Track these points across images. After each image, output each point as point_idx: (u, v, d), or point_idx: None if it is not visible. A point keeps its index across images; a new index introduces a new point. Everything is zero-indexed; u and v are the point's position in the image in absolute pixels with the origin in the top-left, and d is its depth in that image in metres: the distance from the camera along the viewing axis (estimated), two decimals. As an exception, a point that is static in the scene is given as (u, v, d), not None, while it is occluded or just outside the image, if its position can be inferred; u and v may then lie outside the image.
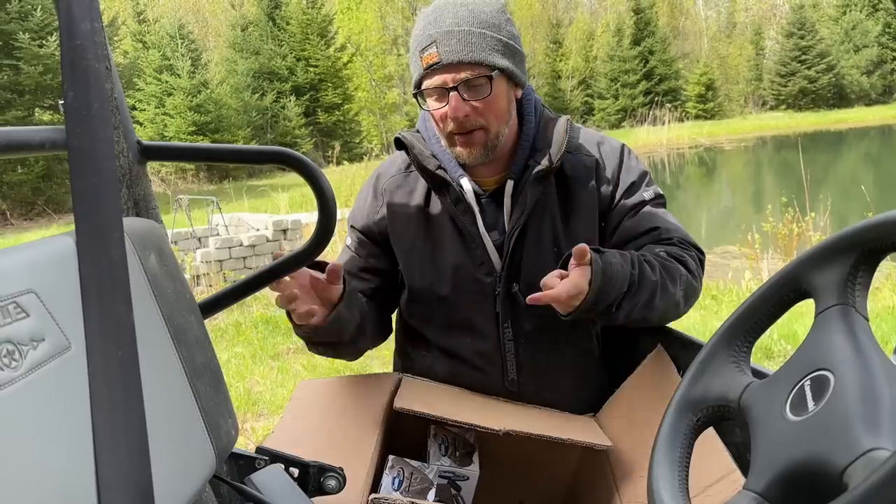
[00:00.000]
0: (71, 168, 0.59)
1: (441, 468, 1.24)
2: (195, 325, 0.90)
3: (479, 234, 1.37)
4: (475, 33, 1.26)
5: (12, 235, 13.85)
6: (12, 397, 0.56)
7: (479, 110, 1.29)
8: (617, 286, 1.21)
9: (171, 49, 22.91)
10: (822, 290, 0.66)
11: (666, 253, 1.33)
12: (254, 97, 25.04)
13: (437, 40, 1.25)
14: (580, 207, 1.39)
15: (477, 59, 1.25)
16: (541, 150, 1.37)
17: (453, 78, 1.26)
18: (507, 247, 1.37)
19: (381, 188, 1.48)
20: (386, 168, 1.51)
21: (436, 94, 1.30)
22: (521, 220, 1.36)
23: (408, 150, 1.41)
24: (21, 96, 17.17)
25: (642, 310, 1.27)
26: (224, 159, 1.13)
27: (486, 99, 1.28)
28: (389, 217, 1.45)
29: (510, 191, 1.37)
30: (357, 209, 1.52)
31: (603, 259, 1.21)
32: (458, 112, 1.27)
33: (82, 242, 0.58)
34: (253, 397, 3.83)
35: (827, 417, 0.56)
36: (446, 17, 1.27)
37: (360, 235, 1.49)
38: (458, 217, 1.38)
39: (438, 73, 1.27)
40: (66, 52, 0.59)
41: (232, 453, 1.02)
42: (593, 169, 1.40)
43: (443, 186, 1.39)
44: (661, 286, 1.27)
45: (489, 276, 1.38)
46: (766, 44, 42.17)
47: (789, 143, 22.01)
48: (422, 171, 1.40)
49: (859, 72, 35.67)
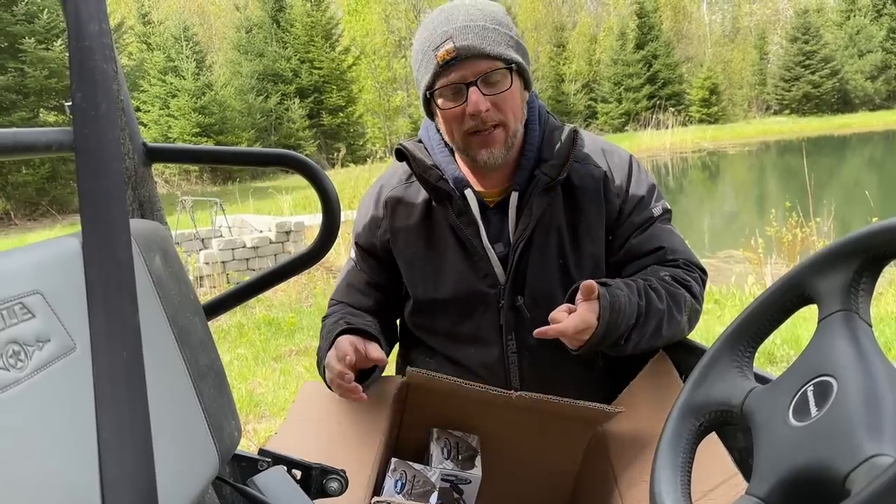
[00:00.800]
0: (78, 169, 0.59)
1: (444, 471, 1.24)
2: (199, 327, 0.91)
3: (482, 247, 1.35)
4: (489, 28, 1.24)
5: (16, 236, 13.88)
6: (18, 397, 0.56)
7: (498, 105, 1.27)
8: (626, 319, 1.21)
9: (175, 51, 22.96)
10: (825, 295, 0.66)
11: (671, 277, 1.32)
12: (258, 99, 25.07)
13: (452, 35, 1.23)
14: (588, 220, 1.37)
15: (495, 53, 1.24)
16: (547, 159, 1.35)
17: (472, 72, 1.24)
18: (511, 259, 1.35)
19: (382, 200, 1.45)
20: (387, 179, 1.48)
21: (451, 93, 1.27)
22: (527, 232, 1.34)
23: (409, 161, 1.38)
24: (26, 98, 17.22)
25: (650, 339, 1.27)
26: (229, 161, 1.14)
27: (504, 93, 1.26)
28: (392, 231, 1.43)
29: (515, 202, 1.35)
30: (359, 224, 1.49)
31: (611, 293, 1.21)
32: (479, 106, 1.24)
33: (88, 243, 0.58)
34: (255, 399, 3.83)
35: (830, 423, 0.56)
36: (458, 15, 1.25)
37: (364, 252, 1.48)
38: (461, 229, 1.36)
39: (455, 69, 1.24)
40: (74, 54, 0.59)
41: (235, 455, 1.02)
42: (601, 181, 1.38)
43: (444, 198, 1.36)
44: (667, 315, 1.27)
45: (493, 287, 1.37)
46: (770, 48, 42.16)
47: (793, 148, 21.98)
48: (423, 182, 1.37)
49: (863, 76, 35.64)
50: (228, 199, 11.33)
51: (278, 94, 25.76)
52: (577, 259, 1.38)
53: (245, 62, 26.41)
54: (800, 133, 28.18)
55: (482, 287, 1.37)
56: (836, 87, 34.95)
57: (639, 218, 1.38)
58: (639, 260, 1.38)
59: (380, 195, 1.47)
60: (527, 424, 1.38)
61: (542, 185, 1.33)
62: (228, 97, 23.99)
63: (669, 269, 1.35)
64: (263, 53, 26.74)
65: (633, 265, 1.39)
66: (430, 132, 1.43)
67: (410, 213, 1.41)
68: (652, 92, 35.28)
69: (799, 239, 5.96)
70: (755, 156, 24.16)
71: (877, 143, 24.63)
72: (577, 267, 1.38)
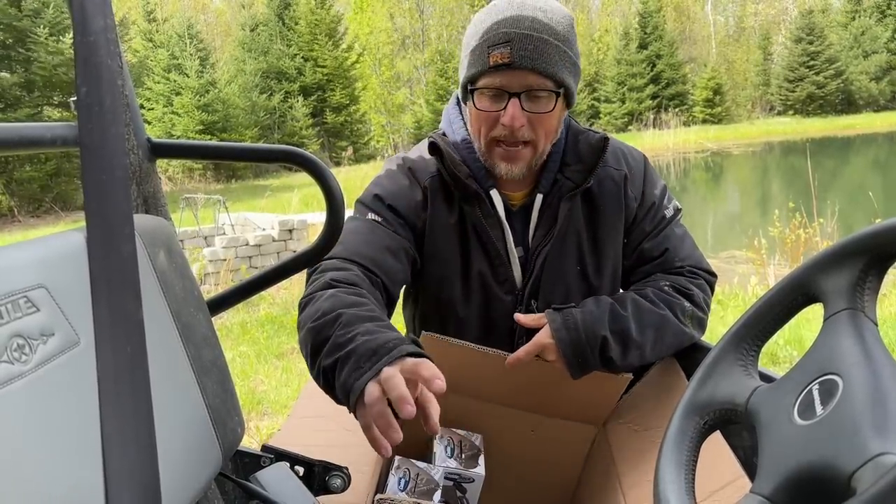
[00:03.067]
0: (83, 164, 0.59)
1: (447, 470, 1.24)
2: (203, 323, 0.91)
3: (506, 251, 1.32)
4: (552, 44, 1.18)
5: (20, 232, 13.91)
6: (22, 391, 0.56)
7: (533, 123, 1.22)
8: (592, 331, 1.22)
9: (179, 48, 22.99)
10: (831, 294, 0.66)
11: (670, 286, 1.31)
12: (262, 97, 25.10)
13: (512, 40, 1.17)
14: (608, 225, 1.35)
15: (549, 72, 1.18)
16: (571, 164, 1.31)
17: (520, 84, 1.19)
18: (531, 264, 1.33)
19: (422, 182, 1.34)
20: (415, 163, 1.36)
21: (492, 94, 1.22)
22: (549, 237, 1.32)
23: (441, 157, 1.31)
24: (31, 93, 17.26)
25: (655, 350, 1.27)
26: (232, 158, 1.13)
27: (544, 115, 1.22)
28: (430, 223, 1.33)
29: (538, 206, 1.32)
30: (389, 190, 1.33)
31: (563, 313, 1.25)
32: (515, 121, 1.20)
33: (93, 237, 0.58)
34: (257, 396, 3.83)
35: (835, 422, 0.56)
36: (525, 20, 1.18)
37: (394, 215, 1.31)
38: (487, 231, 1.31)
39: (503, 75, 1.19)
40: (80, 48, 0.59)
41: (237, 451, 1.02)
42: (621, 183, 1.35)
43: (473, 197, 1.31)
44: (668, 323, 1.26)
45: (509, 294, 1.34)
46: (774, 49, 42.07)
47: (797, 149, 21.95)
48: (453, 179, 1.31)
49: (868, 77, 35.54)
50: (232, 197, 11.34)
51: (282, 92, 25.80)
52: (596, 265, 1.36)
53: (249, 60, 26.44)
54: (803, 134, 28.11)
55: (500, 292, 1.34)
56: (840, 87, 34.85)
57: (652, 221, 1.37)
58: (644, 266, 1.37)
59: (414, 176, 1.34)
60: (530, 423, 1.38)
61: (567, 190, 1.30)
62: (232, 95, 24.01)
63: (671, 277, 1.34)
64: (267, 51, 26.77)
65: (638, 272, 1.39)
66: (454, 126, 1.37)
67: (448, 210, 1.34)
68: (655, 92, 35.22)
69: (802, 240, 5.95)
70: (759, 156, 24.12)
71: (881, 144, 24.57)
72: (595, 273, 1.36)
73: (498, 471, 1.32)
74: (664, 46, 36.30)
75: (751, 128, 32.21)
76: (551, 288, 1.34)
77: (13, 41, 16.61)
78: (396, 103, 32.83)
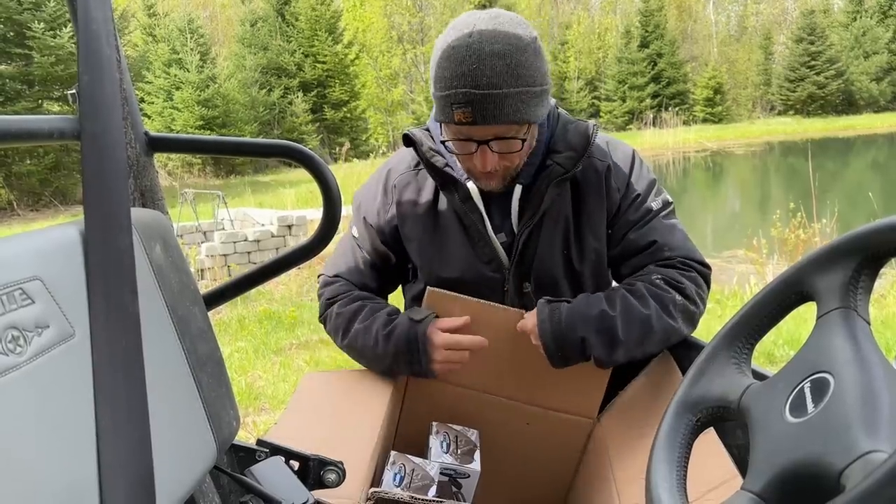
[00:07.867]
0: (83, 153, 0.59)
1: (442, 465, 1.24)
2: (199, 317, 0.91)
3: (486, 234, 1.37)
4: (512, 94, 1.18)
5: (19, 226, 13.89)
6: (16, 383, 0.57)
7: (506, 156, 1.28)
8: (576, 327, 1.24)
9: (180, 43, 22.94)
10: (824, 293, 0.66)
11: (662, 279, 1.32)
12: (261, 93, 25.04)
13: (473, 101, 1.17)
14: (590, 213, 1.38)
15: (513, 120, 1.21)
16: (560, 151, 1.34)
17: (485, 133, 1.23)
18: (516, 246, 1.36)
19: (390, 185, 1.46)
20: (395, 164, 1.49)
21: (462, 139, 1.27)
22: (534, 220, 1.35)
23: (416, 147, 1.38)
24: (30, 87, 17.23)
25: (640, 346, 1.28)
26: (231, 152, 1.14)
27: (515, 152, 1.27)
28: (399, 216, 1.44)
29: (518, 195, 1.36)
30: (365, 207, 1.49)
31: (551, 305, 1.27)
32: (486, 166, 1.26)
33: (90, 229, 0.58)
34: (255, 391, 3.84)
35: (826, 419, 0.56)
36: (483, 75, 1.16)
37: (370, 234, 1.47)
38: (466, 214, 1.37)
39: (470, 128, 1.23)
40: (82, 38, 0.59)
41: (233, 445, 1.03)
42: (604, 174, 1.38)
43: (450, 184, 1.37)
44: (655, 319, 1.27)
45: (497, 272, 1.39)
46: (775, 49, 42.03)
47: (797, 149, 21.94)
48: (429, 168, 1.38)
49: (869, 78, 35.52)
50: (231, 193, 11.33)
51: (282, 88, 25.73)
52: (579, 251, 1.39)
53: (249, 55, 26.38)
54: (804, 134, 28.10)
55: (486, 271, 1.39)
56: (841, 88, 34.81)
57: (637, 212, 1.38)
58: (633, 258, 1.38)
59: (388, 180, 1.47)
60: (525, 416, 1.39)
61: (556, 175, 1.33)
62: (232, 90, 23.95)
63: (662, 269, 1.34)
64: (267, 47, 26.70)
65: (628, 264, 1.39)
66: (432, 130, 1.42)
67: (418, 199, 1.42)
68: (656, 91, 35.18)
69: (802, 240, 5.95)
70: (759, 156, 24.11)
71: (881, 145, 24.57)
72: (579, 259, 1.39)
73: (494, 466, 1.32)
74: (665, 45, 36.26)
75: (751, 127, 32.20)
76: (539, 270, 1.38)
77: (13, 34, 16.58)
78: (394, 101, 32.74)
